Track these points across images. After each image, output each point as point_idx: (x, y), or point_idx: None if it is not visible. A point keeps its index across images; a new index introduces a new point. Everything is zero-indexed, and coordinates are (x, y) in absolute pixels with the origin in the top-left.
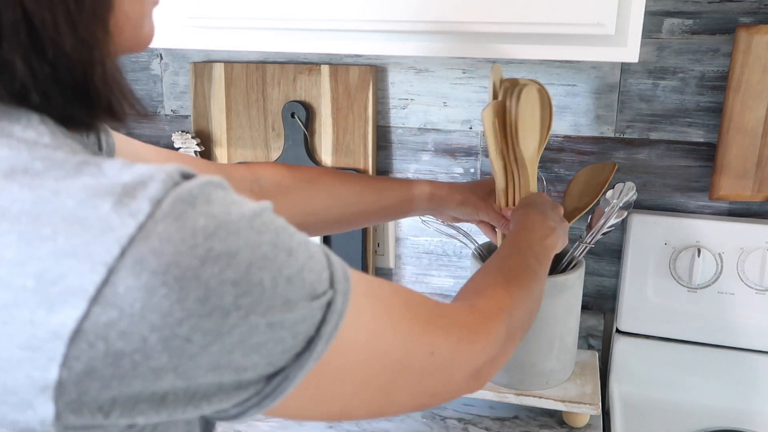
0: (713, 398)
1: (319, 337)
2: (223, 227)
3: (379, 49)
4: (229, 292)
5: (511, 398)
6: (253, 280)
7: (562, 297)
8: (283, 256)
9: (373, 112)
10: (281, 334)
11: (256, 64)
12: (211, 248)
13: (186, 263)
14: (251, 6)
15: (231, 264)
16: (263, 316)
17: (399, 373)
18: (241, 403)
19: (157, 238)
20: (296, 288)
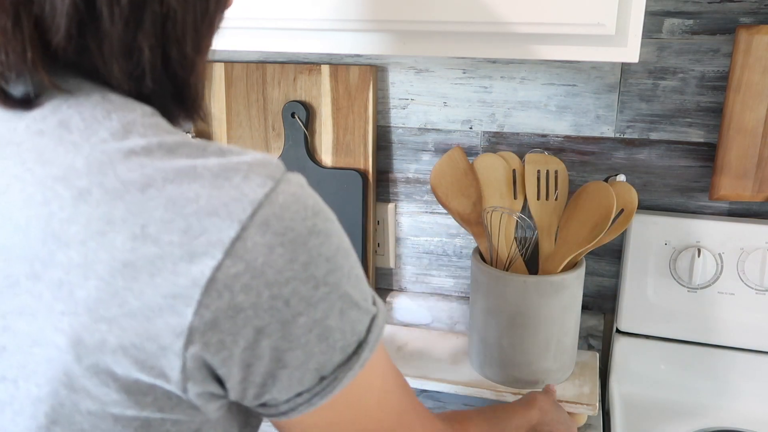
0: (713, 398)
1: (366, 343)
2: (324, 211)
3: (379, 49)
4: (323, 266)
5: (509, 397)
6: (339, 262)
7: (559, 297)
8: (354, 258)
9: (373, 112)
10: (344, 327)
11: (256, 64)
12: (316, 224)
13: (299, 230)
14: (252, 6)
15: (326, 242)
16: (339, 299)
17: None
18: (295, 397)
19: (279, 207)
20: (360, 288)
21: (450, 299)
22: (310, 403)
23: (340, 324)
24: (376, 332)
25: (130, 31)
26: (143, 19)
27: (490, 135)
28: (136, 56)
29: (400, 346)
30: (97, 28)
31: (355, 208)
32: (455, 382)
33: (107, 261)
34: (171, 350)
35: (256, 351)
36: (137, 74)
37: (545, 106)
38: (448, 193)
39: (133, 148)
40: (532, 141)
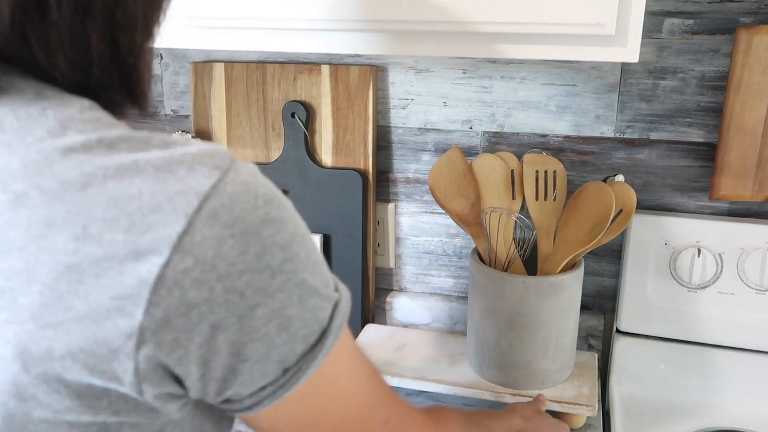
0: (713, 398)
1: (330, 330)
2: (276, 198)
3: (379, 49)
4: (278, 255)
5: (508, 398)
6: (294, 250)
7: (558, 297)
8: (311, 244)
9: (373, 112)
10: (305, 315)
11: (256, 64)
12: (268, 212)
13: (250, 220)
14: (251, 6)
15: (281, 230)
16: (298, 288)
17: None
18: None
19: (228, 197)
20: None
21: (450, 299)
22: (276, 396)
23: (300, 312)
24: (340, 319)
25: (78, 18)
26: (92, 6)
27: (490, 135)
28: (83, 45)
29: (400, 346)
30: (42, 17)
31: (355, 208)
32: (454, 383)
33: (50, 265)
34: (122, 352)
35: (213, 347)
36: (84, 64)
37: (545, 106)
38: (446, 194)
39: (72, 146)
40: (532, 141)
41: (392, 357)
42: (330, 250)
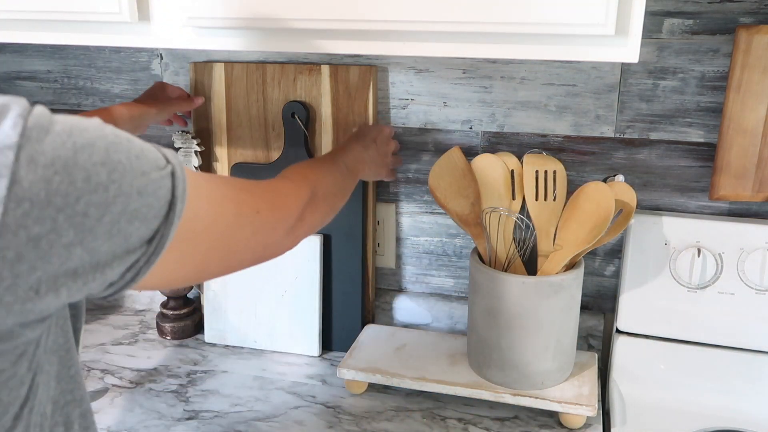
0: (713, 398)
1: (176, 199)
2: (75, 127)
3: (379, 49)
4: (102, 171)
5: (508, 398)
6: (114, 159)
7: (557, 297)
8: (125, 142)
9: (373, 112)
10: (149, 200)
11: (256, 64)
12: (75, 142)
13: (65, 155)
14: (251, 6)
15: (94, 151)
16: (131, 185)
17: (237, 230)
18: (132, 265)
19: (36, 141)
20: (144, 162)
21: (450, 299)
22: (149, 262)
23: (143, 201)
24: (181, 185)
25: None
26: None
27: (490, 135)
28: None
29: (400, 346)
30: None
31: (355, 208)
32: (454, 384)
33: None
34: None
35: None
36: None
37: (545, 106)
38: (446, 194)
39: None
40: (532, 141)
41: (392, 357)
42: (330, 250)
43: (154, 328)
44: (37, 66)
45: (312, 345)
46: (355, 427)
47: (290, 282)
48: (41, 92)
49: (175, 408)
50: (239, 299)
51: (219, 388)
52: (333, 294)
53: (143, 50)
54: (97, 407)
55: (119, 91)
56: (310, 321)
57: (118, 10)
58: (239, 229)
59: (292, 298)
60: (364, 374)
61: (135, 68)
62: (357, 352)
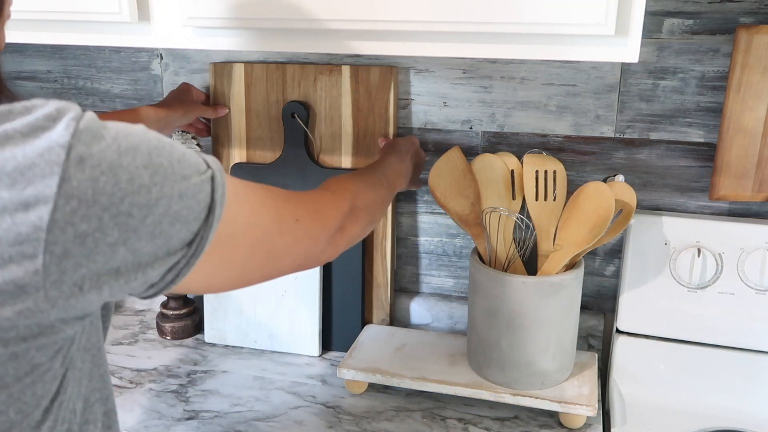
0: (713, 398)
1: (215, 202)
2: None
3: (379, 49)
4: (145, 174)
5: (508, 398)
6: (156, 162)
7: (558, 297)
8: (168, 147)
9: (393, 113)
10: (189, 203)
11: (276, 65)
12: (120, 145)
13: (110, 157)
14: (251, 6)
15: (138, 154)
16: (173, 188)
17: (277, 238)
18: (173, 267)
19: (86, 144)
20: (186, 166)
21: (450, 299)
22: (189, 264)
23: (184, 204)
24: (220, 189)
25: None
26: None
27: (490, 135)
28: None
29: (400, 346)
30: None
31: None
32: (454, 384)
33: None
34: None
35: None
36: None
37: (545, 106)
38: (446, 194)
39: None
40: (532, 141)
41: (392, 357)
42: None
43: (154, 328)
44: (37, 66)
45: (312, 345)
46: (355, 427)
47: (290, 282)
48: (41, 92)
49: (175, 408)
50: (239, 299)
51: (219, 388)
52: (333, 294)
53: (143, 50)
54: None
55: (119, 91)
56: (310, 321)
57: (118, 10)
58: (279, 236)
59: (292, 298)
60: (364, 374)
61: (135, 68)
62: (357, 352)
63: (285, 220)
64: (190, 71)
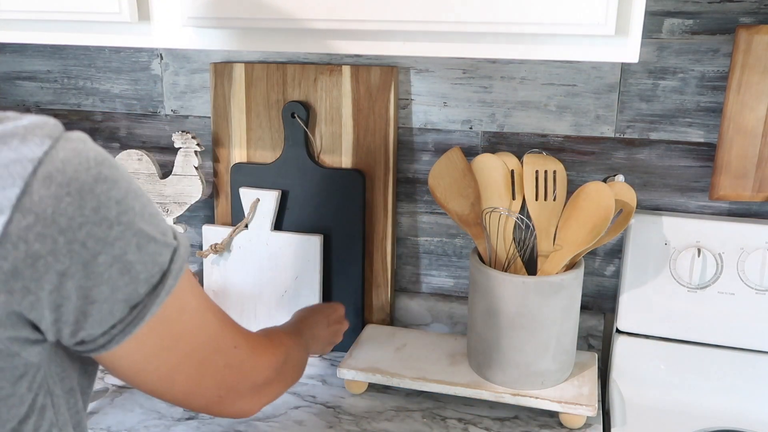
0: (713, 398)
1: (170, 272)
2: (108, 160)
3: (379, 49)
4: (113, 208)
5: (508, 398)
6: (129, 203)
7: (558, 297)
8: (146, 199)
9: (394, 114)
10: (144, 260)
11: (276, 65)
12: (100, 172)
13: (83, 179)
14: (251, 6)
15: (114, 187)
16: (135, 236)
17: (213, 352)
18: (109, 330)
19: (60, 161)
20: (155, 224)
21: (450, 299)
22: (125, 332)
23: (139, 258)
24: (179, 262)
25: None
26: None
27: (490, 135)
28: None
29: (400, 346)
30: None
31: (355, 209)
32: (454, 384)
33: None
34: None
35: (62, 292)
36: None
37: (545, 106)
38: (446, 194)
39: None
40: (532, 141)
41: (392, 357)
42: (330, 250)
43: None
44: (37, 66)
45: None
46: (355, 427)
47: (290, 282)
48: (41, 92)
49: (175, 408)
50: (240, 299)
51: None
52: (333, 294)
53: (143, 50)
54: (97, 407)
55: (119, 91)
56: None
57: (118, 10)
58: (215, 351)
59: (292, 298)
60: (364, 374)
61: (135, 68)
62: (357, 352)
63: (226, 338)
64: (190, 71)
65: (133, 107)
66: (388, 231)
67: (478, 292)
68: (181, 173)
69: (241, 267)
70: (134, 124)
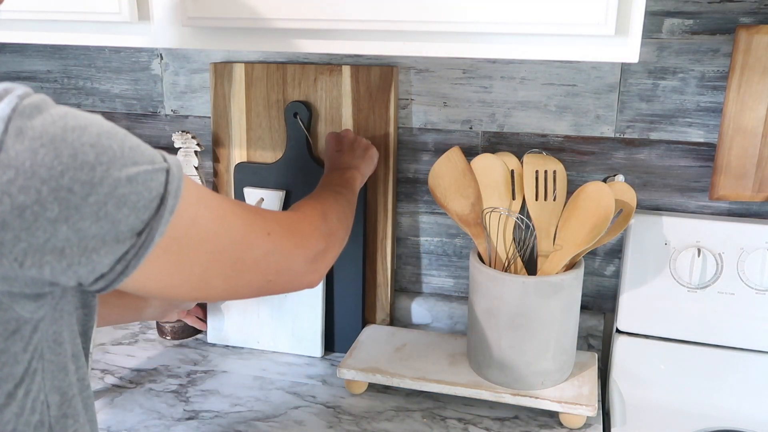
0: (713, 398)
1: (168, 193)
2: (71, 112)
3: (380, 49)
4: (90, 152)
5: (508, 398)
6: (105, 144)
7: (558, 297)
8: (121, 134)
9: (394, 114)
10: (138, 189)
11: (276, 65)
12: (66, 122)
13: (52, 131)
14: (251, 6)
15: (85, 132)
16: (120, 171)
17: (245, 249)
18: (122, 257)
19: (27, 117)
20: (138, 154)
21: (450, 299)
22: (139, 256)
23: (132, 189)
24: (175, 182)
25: None
26: None
27: (490, 135)
28: None
29: (400, 346)
30: None
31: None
32: (454, 384)
33: None
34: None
35: (60, 237)
36: None
37: (545, 106)
38: (446, 194)
39: None
40: (532, 141)
41: (392, 357)
42: None
43: (154, 328)
44: (37, 66)
45: (315, 346)
46: (355, 427)
47: None
48: (41, 92)
49: (175, 408)
50: (242, 300)
51: (219, 388)
52: (334, 294)
53: (143, 50)
54: (97, 407)
55: (119, 91)
56: (312, 322)
57: (118, 10)
58: (247, 247)
59: (295, 299)
60: (364, 374)
61: (135, 68)
62: (357, 352)
63: (255, 232)
64: (190, 71)
65: (133, 107)
66: (388, 231)
67: (478, 292)
68: None
69: None
70: (134, 124)
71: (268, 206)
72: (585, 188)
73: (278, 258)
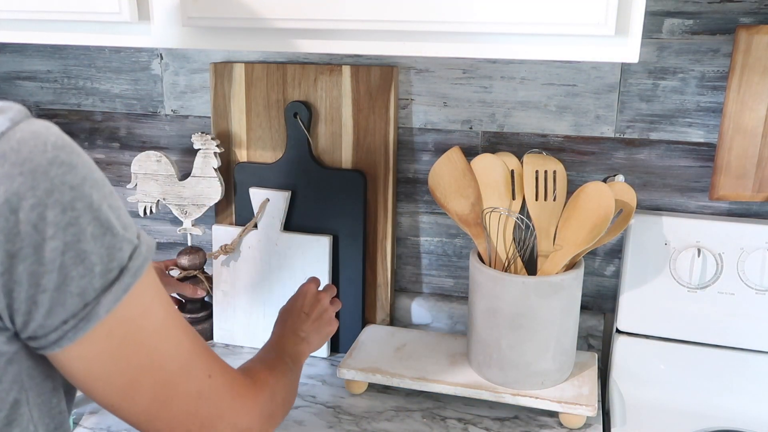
0: (713, 398)
1: (128, 269)
2: (69, 146)
3: (380, 49)
4: (68, 193)
5: (508, 398)
6: (86, 191)
7: (558, 298)
8: (109, 189)
9: (394, 113)
10: (100, 251)
11: (276, 65)
12: (57, 155)
13: (38, 161)
14: (251, 6)
15: (70, 172)
16: (90, 224)
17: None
18: (62, 324)
19: (16, 142)
20: (116, 217)
21: (450, 299)
22: (78, 329)
23: (95, 248)
24: (140, 260)
25: None
26: None
27: (490, 135)
28: None
29: (400, 346)
30: None
31: (355, 209)
32: (454, 384)
33: None
34: None
35: (13, 275)
36: None
37: (545, 106)
38: (446, 194)
39: None
40: (532, 141)
41: (392, 357)
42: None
43: None
44: (37, 66)
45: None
46: (355, 427)
47: (299, 282)
48: (41, 92)
49: None
50: (248, 299)
51: None
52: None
53: (143, 50)
54: (97, 407)
55: (119, 91)
56: None
57: (118, 10)
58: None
59: None
60: (364, 374)
61: (135, 68)
62: (357, 352)
63: (198, 365)
64: (190, 71)
65: (133, 107)
66: (388, 231)
67: (478, 292)
68: (200, 175)
69: (251, 267)
70: (134, 124)
71: (273, 206)
72: (585, 188)
73: (209, 408)
